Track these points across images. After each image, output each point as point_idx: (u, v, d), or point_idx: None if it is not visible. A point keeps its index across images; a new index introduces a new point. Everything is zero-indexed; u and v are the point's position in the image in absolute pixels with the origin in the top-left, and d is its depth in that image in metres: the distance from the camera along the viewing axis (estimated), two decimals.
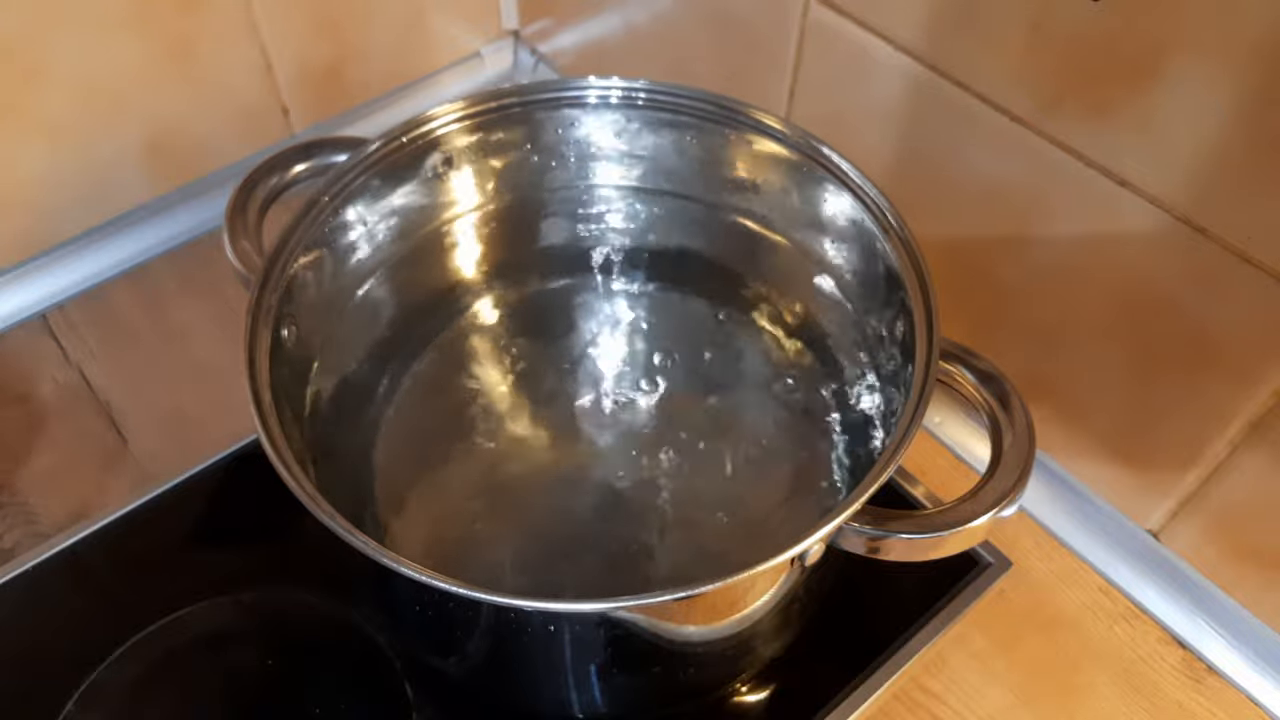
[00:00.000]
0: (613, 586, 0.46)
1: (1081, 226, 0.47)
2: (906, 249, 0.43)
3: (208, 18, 0.63)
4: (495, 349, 0.52)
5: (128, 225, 0.67)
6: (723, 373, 0.51)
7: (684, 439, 0.49)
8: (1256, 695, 0.50)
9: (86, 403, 0.60)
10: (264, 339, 0.41)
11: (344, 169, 0.47)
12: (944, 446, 0.60)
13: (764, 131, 0.49)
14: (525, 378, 0.52)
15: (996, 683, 0.51)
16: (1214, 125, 0.40)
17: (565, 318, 0.54)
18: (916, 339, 0.41)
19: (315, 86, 0.71)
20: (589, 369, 0.52)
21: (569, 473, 0.49)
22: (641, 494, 0.48)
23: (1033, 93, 0.46)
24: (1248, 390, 0.45)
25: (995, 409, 0.41)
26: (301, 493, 0.36)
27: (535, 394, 0.51)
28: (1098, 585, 0.54)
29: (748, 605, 0.41)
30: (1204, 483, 0.49)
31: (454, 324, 0.53)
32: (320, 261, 0.46)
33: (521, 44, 0.80)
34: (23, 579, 0.51)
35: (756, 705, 0.48)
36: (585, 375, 0.52)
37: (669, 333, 0.53)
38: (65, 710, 0.47)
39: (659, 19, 0.64)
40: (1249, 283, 0.42)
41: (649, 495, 0.48)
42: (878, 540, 0.37)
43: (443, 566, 0.34)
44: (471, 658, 0.45)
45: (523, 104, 0.50)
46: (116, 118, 0.63)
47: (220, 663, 0.49)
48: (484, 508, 0.47)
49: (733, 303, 0.53)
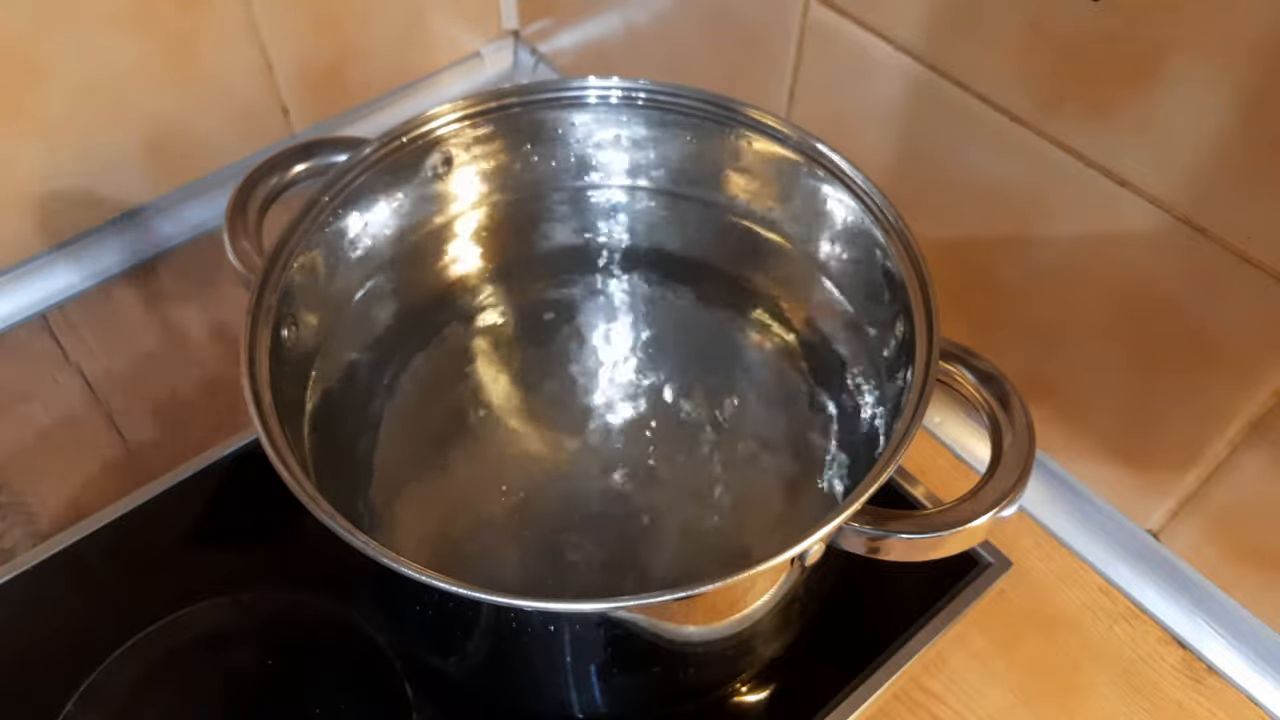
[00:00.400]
0: (613, 586, 0.46)
1: (1082, 226, 0.47)
2: (906, 249, 0.43)
3: (208, 17, 0.63)
4: (495, 349, 0.52)
5: (128, 225, 0.67)
6: (722, 372, 0.51)
7: (683, 438, 0.49)
8: (1256, 695, 0.51)
9: (86, 402, 0.60)
10: (264, 339, 0.41)
11: (344, 169, 0.47)
12: (944, 446, 0.60)
13: (764, 131, 0.49)
14: (525, 377, 0.52)
15: (996, 683, 0.51)
16: (1214, 125, 0.40)
17: (565, 317, 0.54)
18: (916, 339, 0.41)
19: (315, 86, 0.71)
20: (588, 368, 0.52)
21: (569, 472, 0.49)
22: (641, 493, 0.48)
23: (1033, 93, 0.46)
24: (1248, 390, 0.45)
25: (995, 409, 0.41)
26: (301, 493, 0.36)
27: (535, 394, 0.51)
28: (1098, 585, 0.54)
29: (748, 605, 0.41)
30: (1204, 483, 0.49)
31: (454, 324, 0.53)
32: (320, 261, 0.46)
33: (521, 44, 0.80)
34: (22, 579, 0.51)
35: (756, 705, 0.48)
36: (584, 375, 0.52)
37: (668, 332, 0.53)
38: (65, 710, 0.47)
39: (659, 19, 0.64)
40: (1249, 283, 0.42)
41: (648, 494, 0.48)
42: (878, 540, 0.37)
43: (442, 566, 0.34)
44: (471, 657, 0.45)
45: (523, 104, 0.50)
46: (116, 117, 0.63)
47: (220, 663, 0.49)
48: (484, 507, 0.47)
49: (732, 302, 0.53)
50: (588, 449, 0.50)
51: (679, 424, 0.50)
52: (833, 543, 0.38)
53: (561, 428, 0.50)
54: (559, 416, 0.51)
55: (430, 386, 0.51)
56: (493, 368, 0.52)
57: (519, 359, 0.52)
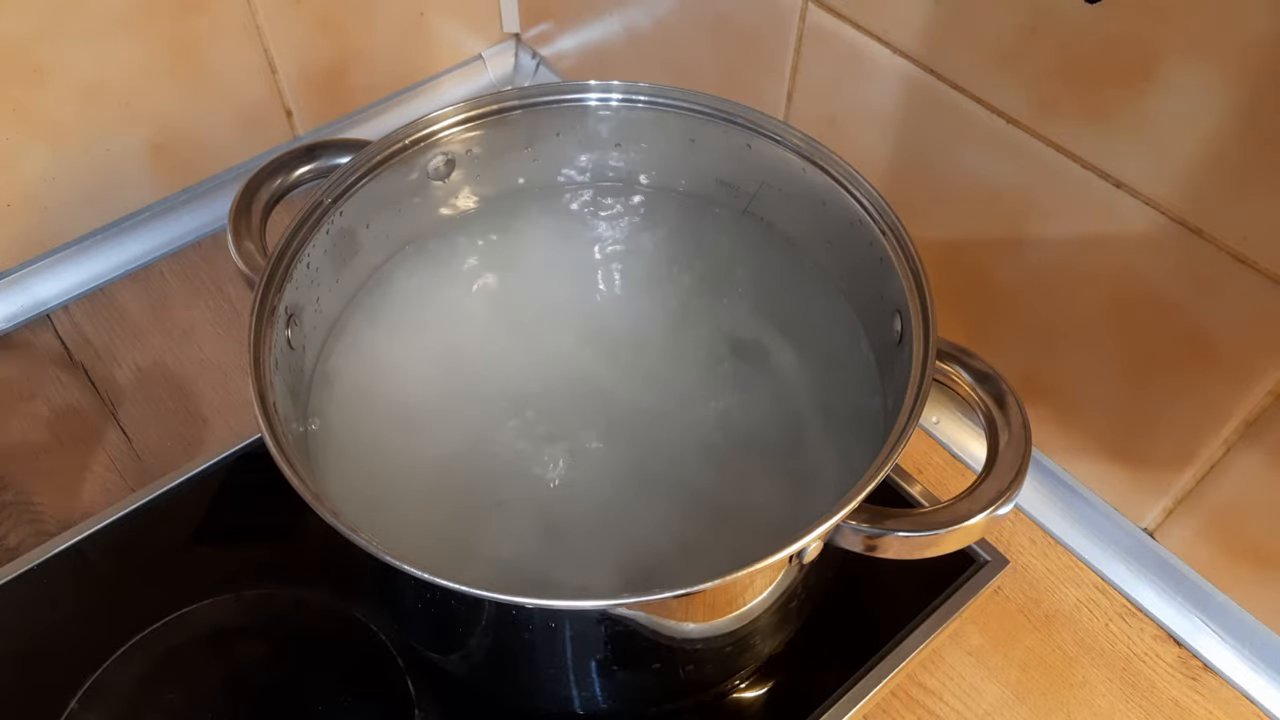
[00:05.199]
0: (613, 584, 0.46)
1: (1078, 228, 0.48)
2: (904, 250, 0.44)
3: (211, 20, 0.63)
4: (496, 347, 0.53)
5: (132, 226, 0.67)
6: (720, 371, 0.51)
7: (682, 437, 0.50)
8: (1252, 692, 0.51)
9: (91, 402, 0.61)
10: (268, 339, 0.42)
11: (347, 170, 0.47)
12: (941, 445, 0.60)
13: (763, 133, 0.49)
14: (526, 374, 0.52)
15: (993, 680, 0.51)
16: (1209, 127, 0.40)
17: (565, 316, 0.54)
18: (914, 339, 0.41)
19: (318, 89, 0.71)
20: (588, 366, 0.52)
21: (568, 471, 0.49)
22: (641, 492, 0.48)
23: (1029, 95, 0.46)
24: (1243, 389, 0.45)
25: (991, 408, 0.41)
26: (305, 491, 0.36)
27: (535, 391, 0.51)
28: (1094, 583, 0.55)
29: (746, 602, 0.41)
30: (1199, 481, 0.49)
31: (454, 322, 0.53)
32: (323, 262, 0.47)
33: (523, 47, 0.81)
34: (27, 577, 0.51)
35: (755, 701, 0.48)
36: (584, 372, 0.52)
37: (667, 332, 0.53)
38: (69, 707, 0.47)
39: (659, 23, 0.65)
40: (1245, 283, 0.42)
41: (648, 494, 0.48)
42: (875, 538, 0.38)
43: (443, 562, 0.34)
44: (473, 654, 0.45)
45: (524, 107, 0.51)
46: (120, 119, 0.63)
47: (223, 660, 0.49)
48: (487, 504, 0.47)
49: (732, 302, 0.53)
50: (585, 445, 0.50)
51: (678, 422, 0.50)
52: (830, 540, 0.38)
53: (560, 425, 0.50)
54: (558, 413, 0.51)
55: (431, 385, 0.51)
56: (494, 365, 0.52)
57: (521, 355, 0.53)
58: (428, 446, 0.48)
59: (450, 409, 0.50)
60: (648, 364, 0.52)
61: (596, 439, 0.50)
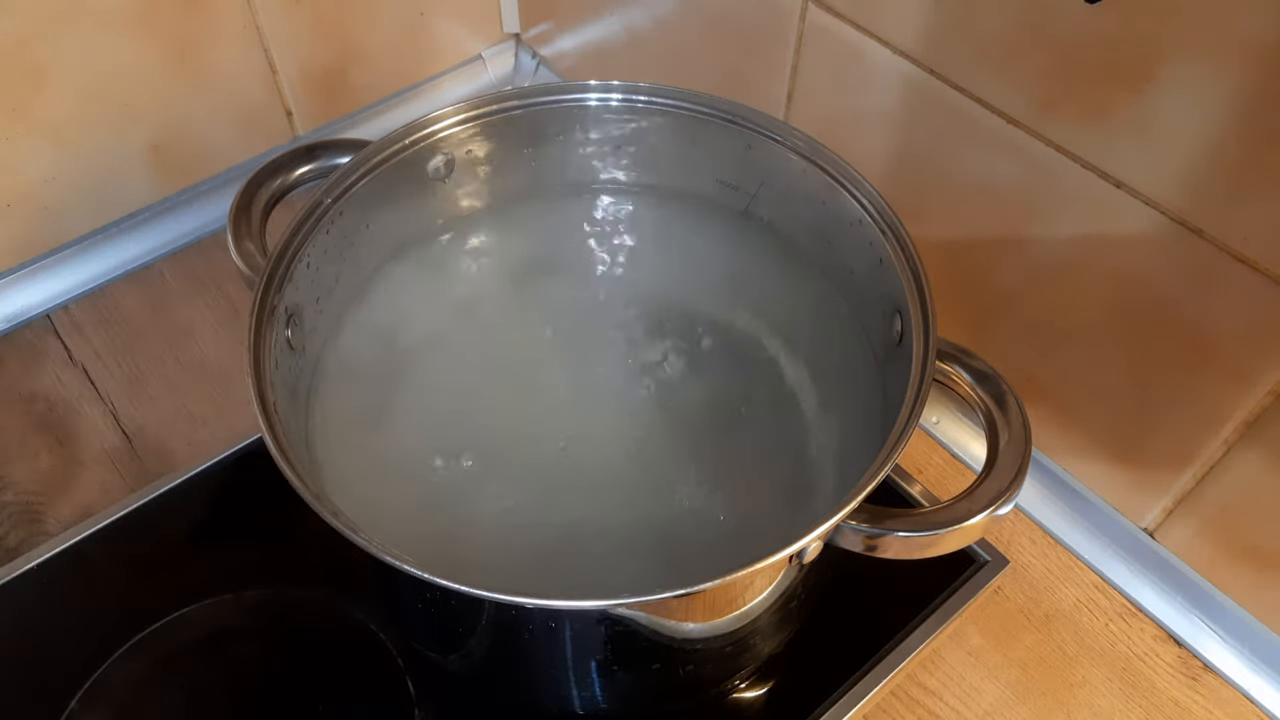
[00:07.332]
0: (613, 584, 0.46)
1: (1078, 228, 0.48)
2: (904, 250, 0.44)
3: (211, 20, 0.63)
4: (497, 347, 0.53)
5: (132, 226, 0.67)
6: (720, 370, 0.52)
7: (682, 436, 0.50)
8: (1252, 692, 0.51)
9: (91, 402, 0.61)
10: (268, 339, 0.42)
11: (347, 171, 0.47)
12: (941, 445, 0.60)
13: (763, 134, 0.49)
14: (527, 372, 0.52)
15: (993, 679, 0.51)
16: (1210, 127, 0.40)
17: (566, 316, 0.54)
18: (914, 339, 0.41)
19: (318, 89, 0.71)
20: (587, 364, 0.52)
21: (568, 471, 0.49)
22: (641, 492, 0.48)
23: (1029, 95, 0.46)
24: (1243, 390, 0.45)
25: (991, 408, 0.41)
26: (305, 491, 0.36)
27: (536, 388, 0.51)
28: (1093, 583, 0.55)
29: (747, 602, 0.41)
30: (1199, 482, 0.49)
31: (455, 323, 0.53)
32: (323, 262, 0.47)
33: (523, 47, 0.81)
34: (28, 577, 0.51)
35: (755, 701, 0.48)
36: (584, 370, 0.52)
37: (667, 331, 0.53)
38: (69, 707, 0.47)
39: (659, 23, 0.65)
40: (1245, 283, 0.42)
41: (648, 493, 0.48)
42: (875, 538, 0.38)
43: (443, 562, 0.34)
44: (472, 653, 0.45)
45: (524, 107, 0.51)
46: (121, 119, 0.63)
47: (223, 660, 0.49)
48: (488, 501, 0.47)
49: (732, 302, 0.54)
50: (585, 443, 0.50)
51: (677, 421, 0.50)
52: (830, 540, 0.38)
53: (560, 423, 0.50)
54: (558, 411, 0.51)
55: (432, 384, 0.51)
56: (495, 364, 0.52)
57: (522, 354, 0.53)
58: (429, 446, 0.48)
59: (451, 408, 0.50)
60: (645, 361, 0.52)
61: (597, 430, 0.50)
